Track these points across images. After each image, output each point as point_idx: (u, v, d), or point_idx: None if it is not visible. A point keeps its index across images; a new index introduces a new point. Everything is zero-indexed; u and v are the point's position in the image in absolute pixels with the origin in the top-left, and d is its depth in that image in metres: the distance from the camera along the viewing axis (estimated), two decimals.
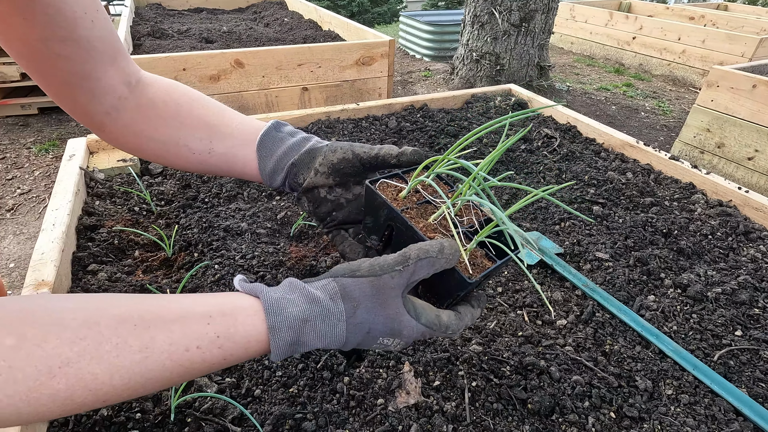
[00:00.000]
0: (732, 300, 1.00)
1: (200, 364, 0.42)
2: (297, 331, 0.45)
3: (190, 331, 0.42)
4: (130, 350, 0.39)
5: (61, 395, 0.36)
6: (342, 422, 0.75)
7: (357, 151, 0.62)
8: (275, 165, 0.64)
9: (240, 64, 2.59)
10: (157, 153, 0.66)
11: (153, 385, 0.41)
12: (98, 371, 0.37)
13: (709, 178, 1.35)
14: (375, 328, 0.48)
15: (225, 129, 0.65)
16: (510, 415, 0.77)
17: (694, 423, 0.76)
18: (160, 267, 1.04)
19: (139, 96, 0.63)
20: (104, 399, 0.39)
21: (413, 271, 0.49)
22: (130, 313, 0.40)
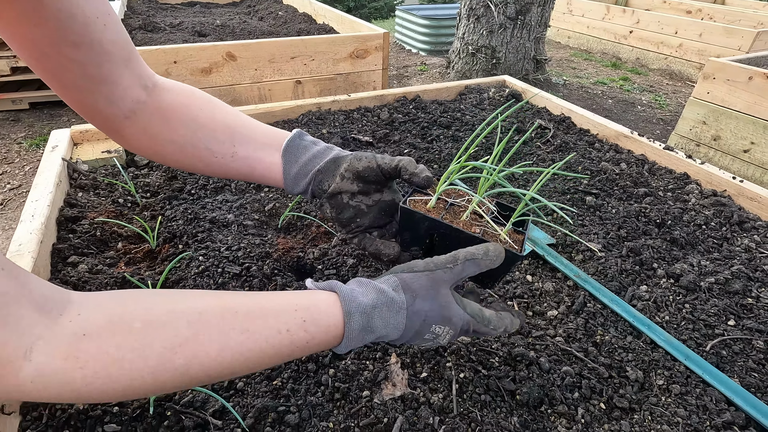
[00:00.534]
0: (725, 290, 0.98)
1: (288, 346, 0.49)
2: (367, 316, 0.52)
3: (282, 317, 0.49)
4: (234, 332, 0.46)
5: (180, 370, 0.43)
6: (326, 415, 0.73)
7: (379, 161, 0.66)
8: (299, 170, 0.67)
9: (232, 56, 2.56)
10: (178, 157, 0.67)
11: (249, 365, 0.47)
12: (210, 349, 0.44)
13: (704, 168, 1.33)
14: (430, 315, 0.54)
15: (247, 132, 0.67)
16: (498, 407, 0.76)
17: (685, 413, 0.74)
18: (144, 259, 1.02)
19: (158, 99, 0.64)
20: (210, 375, 0.45)
21: (462, 269, 0.57)
22: (230, 304, 0.48)
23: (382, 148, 1.52)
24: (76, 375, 0.39)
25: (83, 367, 0.40)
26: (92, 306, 0.43)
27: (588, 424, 0.74)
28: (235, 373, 0.47)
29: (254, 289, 0.94)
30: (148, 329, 0.42)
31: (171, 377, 0.43)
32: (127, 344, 0.41)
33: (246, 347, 0.46)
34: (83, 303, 0.43)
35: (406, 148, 1.51)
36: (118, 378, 0.41)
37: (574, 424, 0.73)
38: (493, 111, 1.76)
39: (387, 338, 0.55)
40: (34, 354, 0.39)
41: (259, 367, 0.49)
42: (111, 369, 0.41)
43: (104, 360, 0.40)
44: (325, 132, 1.55)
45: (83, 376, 0.40)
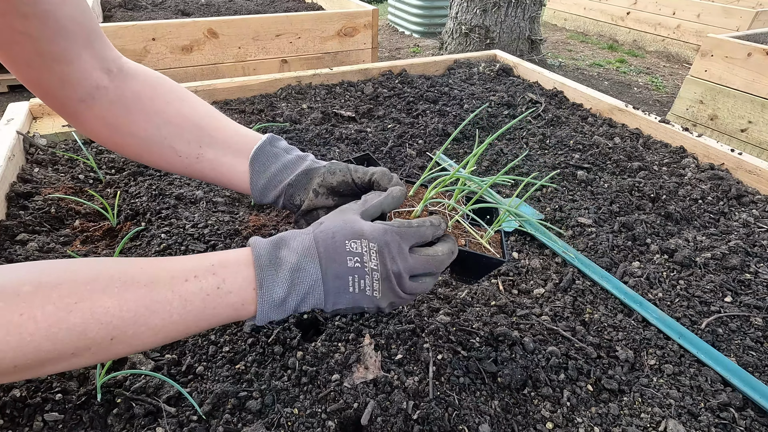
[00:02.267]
0: (722, 265, 0.93)
1: (198, 294, 0.44)
2: (273, 246, 0.49)
3: (189, 266, 0.45)
4: (136, 285, 0.42)
5: (77, 329, 0.39)
6: (291, 400, 0.67)
7: (353, 175, 0.62)
8: (268, 182, 0.63)
9: (214, 34, 2.45)
10: (138, 151, 0.63)
11: (156, 323, 0.43)
12: (109, 305, 0.40)
13: (701, 141, 1.27)
14: (337, 231, 0.50)
15: (216, 134, 0.63)
16: (478, 390, 0.70)
17: (678, 395, 0.69)
18: (103, 237, 0.95)
19: (121, 87, 0.59)
20: (112, 333, 0.41)
21: (365, 199, 0.57)
22: (135, 262, 0.44)
23: (365, 123, 1.44)
24: None
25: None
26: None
27: (574, 408, 0.68)
28: (143, 335, 0.42)
29: None
30: (38, 291, 0.38)
31: (67, 339, 0.39)
32: (14, 307, 0.37)
33: (150, 299, 0.42)
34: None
35: (390, 123, 1.43)
36: (5, 345, 0.37)
37: (558, 408, 0.68)
38: (483, 86, 1.68)
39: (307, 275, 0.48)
40: None
41: (170, 324, 0.44)
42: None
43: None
44: (305, 107, 1.48)
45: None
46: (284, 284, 0.47)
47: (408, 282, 0.52)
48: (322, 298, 0.50)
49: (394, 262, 0.50)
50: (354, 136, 1.33)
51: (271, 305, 0.47)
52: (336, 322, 0.79)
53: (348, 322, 0.80)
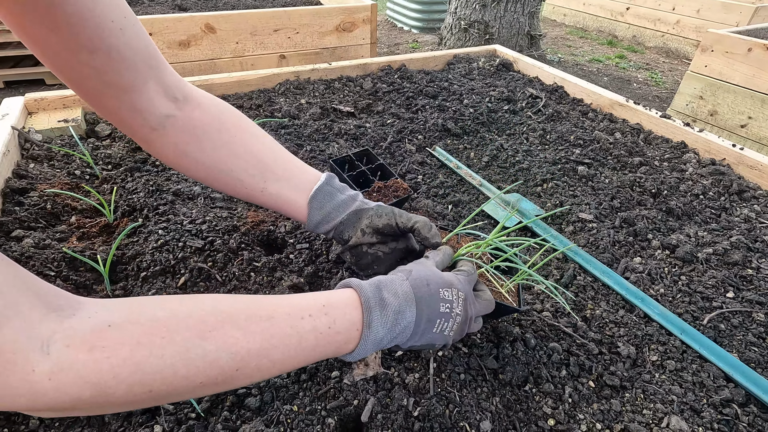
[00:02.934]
0: (724, 261, 0.92)
1: (312, 331, 0.47)
2: (376, 288, 0.53)
3: (302, 304, 0.49)
4: (259, 318, 0.45)
5: (209, 357, 0.41)
6: (291, 397, 0.67)
7: (398, 220, 0.70)
8: (323, 219, 0.70)
9: (211, 29, 2.43)
10: (205, 176, 0.68)
11: (275, 355, 0.45)
12: (238, 335, 0.43)
13: (702, 136, 1.26)
14: (431, 280, 0.56)
15: (279, 171, 0.69)
16: (479, 387, 0.70)
17: (680, 391, 0.69)
18: (100, 234, 0.94)
19: (190, 116, 0.64)
20: (238, 366, 0.43)
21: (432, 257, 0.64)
22: (249, 298, 0.47)
23: (364, 118, 1.43)
24: (102, 366, 0.36)
25: (110, 356, 0.36)
26: (107, 304, 0.40)
27: (575, 404, 0.68)
28: (262, 367, 0.45)
29: (217, 263, 0.86)
30: (174, 317, 0.41)
31: (202, 364, 0.40)
32: (155, 331, 0.39)
33: (270, 333, 0.45)
34: (96, 303, 0.40)
35: (389, 118, 1.42)
36: (147, 366, 0.38)
37: (560, 404, 0.67)
38: (483, 81, 1.67)
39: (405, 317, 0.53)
40: (52, 347, 0.34)
41: (286, 359, 0.46)
42: (139, 356, 0.37)
43: (133, 347, 0.37)
44: (304, 102, 1.46)
45: (110, 366, 0.36)
46: (387, 325, 0.52)
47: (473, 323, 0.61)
48: (407, 338, 0.55)
49: (472, 307, 0.60)
50: (353, 131, 1.32)
51: (372, 344, 0.52)
52: None
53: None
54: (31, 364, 0.33)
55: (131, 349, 0.37)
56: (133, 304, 0.41)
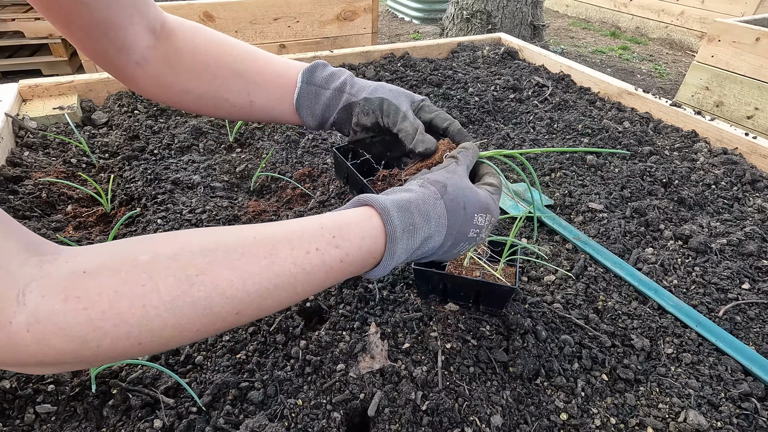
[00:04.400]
0: (738, 251, 0.90)
1: (320, 266, 0.43)
2: (405, 211, 0.46)
3: (307, 235, 0.43)
4: (256, 257, 0.39)
5: (200, 304, 0.36)
6: (295, 391, 0.65)
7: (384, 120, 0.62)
8: (319, 122, 0.66)
9: (210, 17, 2.39)
10: (197, 106, 0.66)
11: (281, 295, 0.41)
12: (232, 277, 0.38)
13: (714, 124, 1.23)
14: (468, 201, 0.50)
15: (259, 80, 0.64)
16: (489, 380, 0.67)
17: (697, 384, 0.66)
18: (97, 223, 0.91)
19: (165, 45, 0.61)
20: (238, 309, 0.39)
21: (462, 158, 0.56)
22: (248, 231, 0.41)
23: None
24: (80, 318, 0.32)
25: (87, 307, 0.33)
26: (88, 248, 0.37)
27: (588, 398, 0.66)
28: (265, 308, 0.41)
29: None
30: (157, 261, 0.36)
31: (193, 313, 0.36)
32: (135, 279, 0.34)
33: (272, 272, 0.40)
34: (77, 249, 0.36)
35: None
36: (130, 318, 0.34)
37: (573, 398, 0.65)
38: (488, 69, 1.64)
39: (432, 242, 0.48)
40: (27, 296, 0.31)
41: (291, 297, 0.42)
42: (120, 306, 0.33)
43: (111, 297, 0.33)
44: None
45: (89, 318, 0.32)
46: (410, 250, 0.47)
47: None
48: (421, 257, 0.51)
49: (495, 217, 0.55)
50: None
51: (388, 269, 0.47)
52: (340, 310, 0.76)
53: (353, 310, 0.77)
54: (8, 315, 0.31)
55: (110, 300, 0.33)
56: (116, 247, 0.37)
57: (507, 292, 0.73)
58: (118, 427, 0.59)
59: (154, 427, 0.59)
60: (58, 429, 0.59)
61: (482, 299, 0.76)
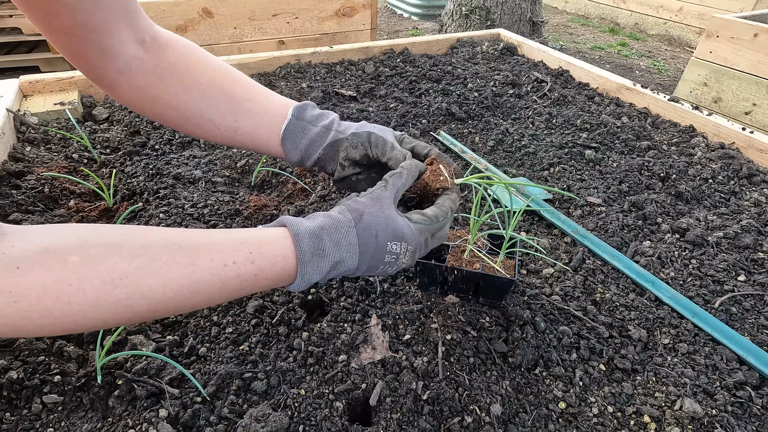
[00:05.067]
0: (735, 244, 0.91)
1: (235, 279, 0.46)
2: (317, 238, 0.49)
3: (227, 249, 0.46)
4: (178, 265, 0.43)
5: (122, 303, 0.41)
6: (297, 381, 0.66)
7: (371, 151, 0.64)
8: (301, 158, 0.66)
9: (209, 13, 2.38)
10: (178, 122, 0.64)
11: (198, 299, 0.45)
12: (153, 283, 0.42)
13: (711, 119, 1.24)
14: (380, 230, 0.52)
15: (249, 106, 0.65)
16: (489, 370, 0.69)
17: (693, 374, 0.68)
18: (99, 218, 0.92)
19: (156, 58, 0.60)
20: (156, 309, 0.43)
21: (393, 184, 0.57)
22: (176, 238, 0.45)
23: (366, 102, 1.40)
24: (10, 309, 0.37)
25: (17, 301, 0.37)
26: (26, 238, 0.39)
27: (586, 387, 0.67)
28: (184, 308, 0.46)
29: None
30: (85, 263, 0.39)
31: (114, 311, 0.41)
32: (63, 278, 0.38)
33: (190, 280, 0.44)
34: (17, 234, 0.39)
35: (392, 102, 1.39)
36: (55, 311, 0.38)
37: (571, 387, 0.67)
38: (487, 65, 1.64)
39: (345, 265, 0.51)
40: None
41: (208, 302, 0.47)
42: (47, 302, 0.38)
43: (39, 293, 0.38)
44: (305, 86, 1.43)
45: (18, 310, 0.37)
46: (323, 272, 0.50)
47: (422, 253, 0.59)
48: (350, 275, 0.54)
49: (420, 253, 0.57)
50: (356, 115, 1.30)
51: (307, 284, 0.51)
52: (342, 302, 0.77)
53: (354, 302, 0.78)
54: None
55: (37, 296, 0.37)
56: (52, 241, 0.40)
57: (506, 284, 0.74)
58: (124, 417, 0.60)
59: (160, 416, 0.60)
60: (64, 419, 0.60)
61: (482, 291, 0.77)
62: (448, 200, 0.60)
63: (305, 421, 0.60)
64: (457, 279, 0.77)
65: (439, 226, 0.58)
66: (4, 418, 0.58)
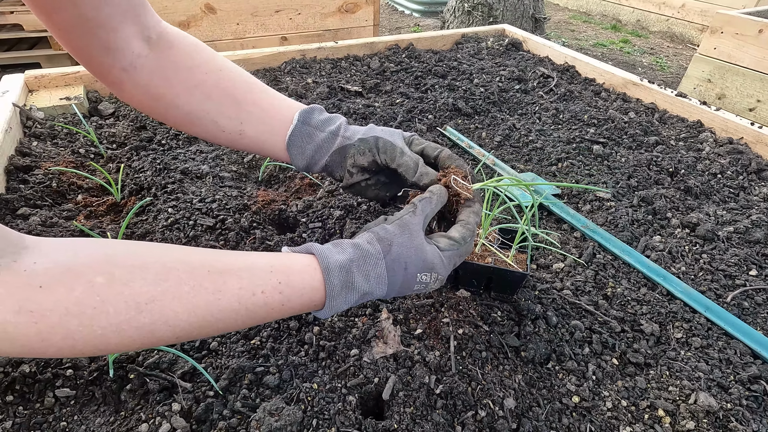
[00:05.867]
0: (745, 239, 0.90)
1: (262, 308, 0.45)
2: (346, 271, 0.48)
3: (256, 278, 0.45)
4: (205, 292, 0.42)
5: (145, 329, 0.39)
6: (310, 375, 0.65)
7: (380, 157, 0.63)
8: (307, 164, 0.65)
9: (211, 9, 2.37)
10: (182, 123, 0.63)
11: (220, 326, 0.44)
12: (179, 309, 0.40)
13: (719, 114, 1.23)
14: (410, 262, 0.51)
15: (254, 110, 0.63)
16: (501, 364, 0.68)
17: (706, 368, 0.67)
18: (107, 212, 0.91)
19: (161, 56, 0.58)
20: (178, 335, 0.42)
21: (422, 209, 0.56)
22: (204, 262, 0.44)
23: (372, 98, 1.40)
24: (29, 330, 0.35)
25: (38, 321, 0.35)
26: (50, 254, 0.38)
27: (599, 381, 0.67)
28: (205, 334, 0.44)
29: (230, 243, 0.84)
30: (111, 285, 0.38)
31: (137, 336, 0.39)
32: (87, 300, 0.37)
33: (217, 308, 0.43)
34: (40, 250, 0.37)
35: (398, 97, 1.39)
36: (77, 334, 0.37)
37: (584, 381, 0.66)
38: (492, 60, 1.64)
39: (373, 296, 0.51)
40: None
41: (230, 329, 0.46)
42: (70, 324, 0.36)
43: (61, 314, 0.36)
44: (310, 81, 1.43)
45: (38, 331, 0.35)
46: (350, 303, 0.50)
47: None
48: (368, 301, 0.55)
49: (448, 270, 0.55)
50: (362, 110, 1.29)
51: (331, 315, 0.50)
52: None
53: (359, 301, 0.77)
54: None
55: (60, 317, 0.35)
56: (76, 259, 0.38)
57: (519, 278, 0.74)
58: (137, 411, 0.60)
59: (173, 410, 0.60)
60: (77, 412, 0.59)
61: (494, 285, 0.77)
62: (473, 215, 0.58)
63: (318, 415, 0.60)
64: (468, 273, 0.76)
65: (467, 248, 0.57)
66: (17, 412, 0.58)
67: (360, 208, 0.94)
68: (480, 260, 0.76)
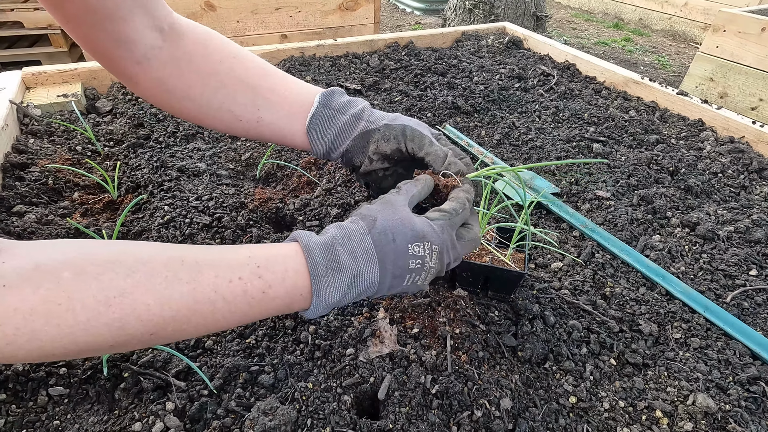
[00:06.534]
0: (745, 239, 0.90)
1: (242, 296, 0.42)
2: (329, 249, 0.46)
3: (234, 264, 0.43)
4: (179, 282, 0.40)
5: (115, 324, 0.37)
6: (305, 374, 0.65)
7: (407, 145, 0.61)
8: (328, 148, 0.63)
9: (211, 6, 2.36)
10: (197, 115, 0.61)
11: (198, 321, 0.41)
12: (150, 302, 0.38)
13: (720, 113, 1.22)
14: (397, 232, 0.49)
15: (271, 95, 0.61)
16: (498, 364, 0.68)
17: (705, 368, 0.67)
18: (104, 210, 0.91)
19: (174, 47, 0.57)
20: (152, 331, 0.39)
21: (407, 190, 0.54)
22: (179, 253, 0.42)
23: (371, 96, 1.39)
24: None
25: (2, 323, 0.33)
26: (20, 254, 0.36)
27: (597, 382, 0.66)
28: (184, 332, 0.41)
29: (226, 241, 0.84)
30: (78, 279, 0.36)
31: (107, 333, 0.37)
32: (53, 297, 0.35)
33: (192, 299, 0.40)
34: (11, 251, 0.36)
35: (398, 95, 1.38)
36: (43, 335, 0.35)
37: (581, 382, 0.66)
38: (492, 58, 1.63)
39: (365, 279, 0.47)
40: None
41: (211, 325, 0.42)
42: (35, 324, 0.34)
43: (26, 315, 0.34)
44: (309, 79, 1.42)
45: (3, 334, 0.34)
46: (342, 289, 0.46)
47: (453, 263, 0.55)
48: (373, 293, 0.50)
49: (449, 256, 0.52)
50: None
51: (325, 307, 0.47)
52: None
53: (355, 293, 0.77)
54: None
55: (24, 318, 0.34)
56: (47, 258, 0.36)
57: (516, 278, 0.73)
58: (131, 410, 0.60)
59: (167, 409, 0.59)
60: (70, 411, 0.59)
61: (491, 285, 0.76)
62: (462, 192, 0.56)
63: (313, 414, 0.59)
64: (465, 272, 0.76)
65: (460, 220, 0.54)
66: (11, 410, 0.58)
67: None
68: (477, 259, 0.76)
